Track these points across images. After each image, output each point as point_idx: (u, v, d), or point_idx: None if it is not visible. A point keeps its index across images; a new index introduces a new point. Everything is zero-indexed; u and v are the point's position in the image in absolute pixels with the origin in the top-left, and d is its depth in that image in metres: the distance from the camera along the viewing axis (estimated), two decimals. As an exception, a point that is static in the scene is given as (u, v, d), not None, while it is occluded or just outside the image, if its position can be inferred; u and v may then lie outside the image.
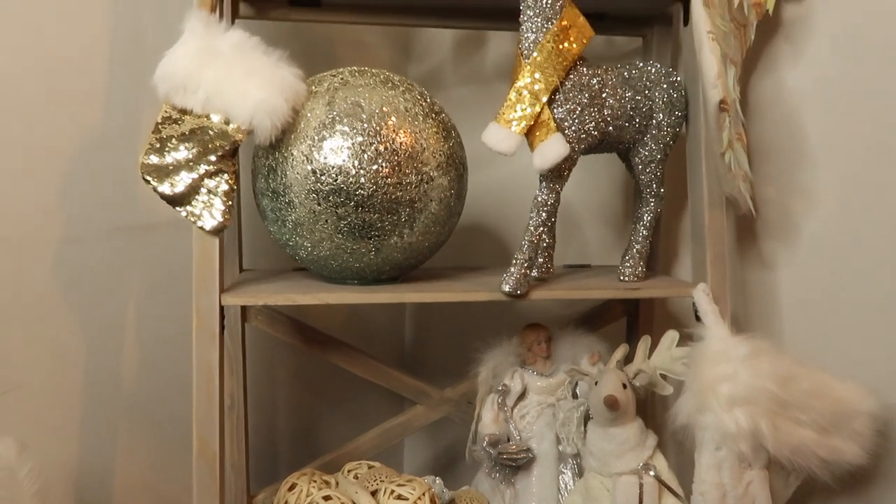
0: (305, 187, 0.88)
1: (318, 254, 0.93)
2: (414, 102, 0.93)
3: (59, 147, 0.98)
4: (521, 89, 0.90)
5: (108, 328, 1.06)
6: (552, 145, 0.90)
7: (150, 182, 0.87)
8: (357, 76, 0.93)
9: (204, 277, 0.89)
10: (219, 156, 0.87)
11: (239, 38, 0.87)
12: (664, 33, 1.15)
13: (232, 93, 0.85)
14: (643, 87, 0.99)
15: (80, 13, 0.99)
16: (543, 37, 0.90)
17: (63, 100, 0.98)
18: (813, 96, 1.12)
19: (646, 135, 1.01)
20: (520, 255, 0.94)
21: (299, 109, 0.89)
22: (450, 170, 0.94)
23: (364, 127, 0.88)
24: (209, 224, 0.88)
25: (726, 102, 0.93)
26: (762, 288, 1.19)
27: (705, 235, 1.01)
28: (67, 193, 0.99)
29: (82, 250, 1.01)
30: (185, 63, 0.85)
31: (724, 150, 0.95)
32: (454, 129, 0.99)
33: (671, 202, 1.18)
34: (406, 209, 0.90)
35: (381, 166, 0.87)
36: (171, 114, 0.87)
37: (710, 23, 0.94)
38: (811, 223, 1.14)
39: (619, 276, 1.04)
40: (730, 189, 0.99)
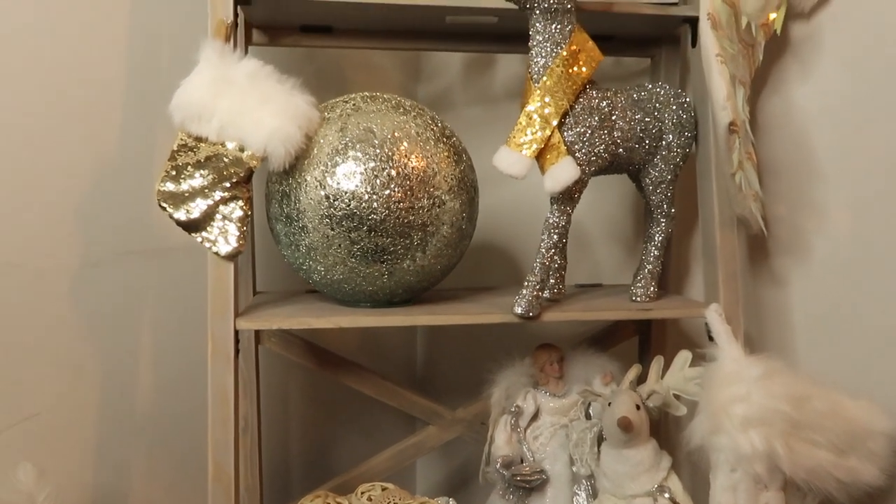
0: (319, 212, 0.89)
1: (331, 277, 0.93)
2: (425, 127, 0.94)
3: (75, 173, 1.00)
4: (531, 113, 0.91)
5: (123, 352, 1.08)
6: (563, 168, 0.90)
7: (166, 209, 0.89)
8: (369, 102, 0.94)
9: (219, 302, 0.90)
10: (233, 182, 0.89)
11: (253, 67, 0.89)
12: (672, 54, 1.16)
13: (246, 121, 0.87)
14: (653, 108, 1.00)
15: (97, 43, 1.01)
16: (553, 61, 0.90)
17: (79, 127, 0.99)
18: (822, 114, 1.12)
19: (656, 156, 1.01)
20: (531, 277, 0.95)
21: (312, 136, 0.91)
22: (461, 193, 0.95)
23: (376, 152, 0.89)
24: (224, 250, 0.89)
25: (736, 124, 0.93)
26: (775, 306, 1.18)
27: (717, 255, 1.01)
28: (84, 219, 1.00)
29: (98, 275, 1.02)
30: (200, 92, 0.87)
31: (734, 171, 0.96)
32: (465, 152, 1.00)
33: (682, 220, 1.18)
34: (418, 233, 0.91)
35: (393, 191, 0.88)
36: (186, 141, 0.89)
37: (718, 46, 0.94)
38: (823, 240, 1.14)
39: (631, 296, 1.04)
40: (741, 209, 0.99)
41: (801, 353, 1.16)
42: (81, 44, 0.99)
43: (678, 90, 1.04)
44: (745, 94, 1.03)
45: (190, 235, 0.90)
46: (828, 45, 1.11)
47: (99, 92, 1.01)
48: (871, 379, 1.08)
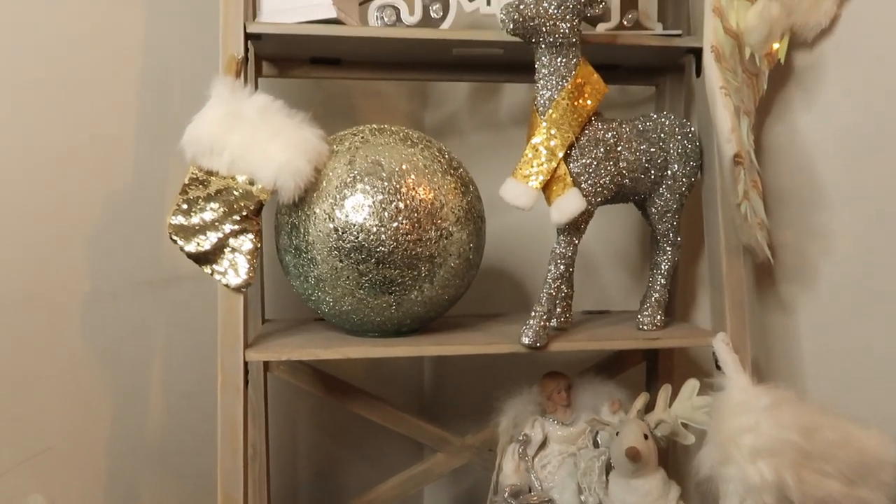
0: (327, 245, 0.90)
1: (339, 308, 0.94)
2: (432, 159, 0.95)
3: (89, 207, 1.01)
4: (537, 146, 0.92)
5: (133, 382, 1.09)
6: (569, 200, 0.91)
7: (177, 241, 0.90)
8: (377, 134, 0.96)
9: (229, 334, 0.91)
10: (243, 215, 0.90)
11: (263, 101, 0.90)
12: (677, 82, 1.17)
13: (256, 155, 0.88)
14: (657, 138, 1.01)
15: (111, 78, 1.03)
16: (558, 94, 0.92)
17: (93, 161, 1.01)
18: (827, 142, 1.13)
19: (661, 185, 1.02)
20: (538, 307, 0.95)
21: (321, 168, 0.92)
22: (468, 224, 0.96)
23: (384, 185, 0.90)
24: (234, 281, 0.91)
25: (741, 156, 0.94)
26: (783, 333, 1.18)
27: (723, 283, 1.01)
28: (97, 251, 1.02)
29: (110, 306, 1.04)
30: (211, 127, 0.88)
31: (739, 201, 0.96)
32: (472, 183, 1.01)
33: (689, 247, 1.19)
34: (426, 264, 0.91)
35: (401, 223, 0.89)
36: (197, 175, 0.90)
37: (722, 78, 0.95)
38: (829, 267, 1.14)
39: (638, 324, 1.05)
40: (747, 238, 1.00)
41: (809, 380, 1.16)
42: (95, 79, 1.01)
43: (683, 120, 1.04)
44: (750, 124, 1.04)
45: (200, 267, 0.91)
46: (831, 73, 1.12)
47: (112, 126, 1.03)
48: (881, 407, 1.07)
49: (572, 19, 0.90)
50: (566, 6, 0.90)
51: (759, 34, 0.99)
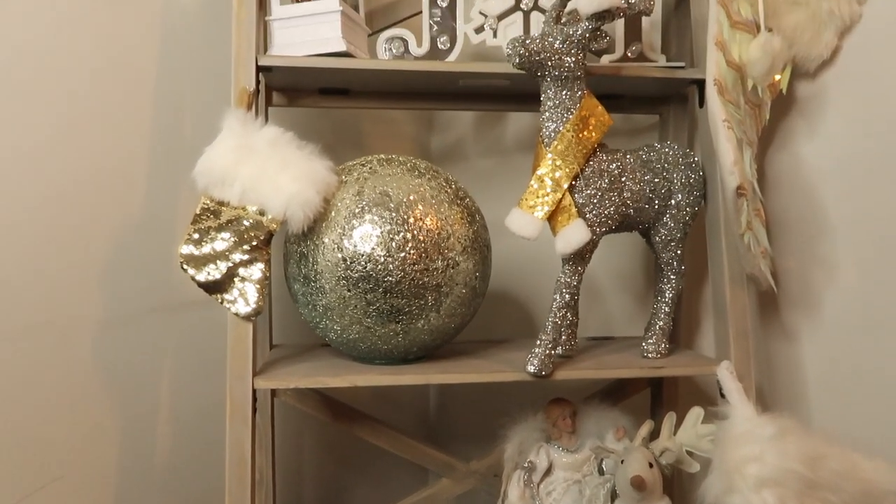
0: (336, 274, 0.91)
1: (347, 336, 0.95)
2: (439, 189, 0.96)
3: (101, 235, 1.03)
4: (542, 177, 0.94)
5: (142, 408, 1.09)
6: (574, 231, 0.92)
7: (188, 270, 0.91)
8: (385, 165, 0.97)
9: (238, 362, 0.92)
10: (253, 245, 0.91)
11: (274, 134, 0.92)
12: (680, 111, 1.18)
13: (267, 186, 0.90)
14: (661, 168, 1.02)
15: (123, 109, 1.05)
16: (564, 126, 0.93)
17: (106, 189, 1.03)
18: (829, 170, 1.14)
19: (665, 215, 1.03)
20: (544, 335, 0.96)
21: (330, 199, 0.93)
22: (474, 253, 0.97)
23: (392, 216, 0.91)
24: (244, 310, 0.92)
25: (743, 188, 0.95)
26: (787, 360, 1.19)
27: (727, 312, 1.02)
28: (108, 279, 1.03)
29: (120, 333, 1.05)
30: (223, 159, 0.90)
31: (742, 231, 0.97)
32: (478, 212, 1.02)
33: (693, 274, 1.19)
34: (433, 294, 0.93)
35: (408, 253, 0.91)
36: (209, 205, 0.92)
37: (725, 111, 0.97)
38: (832, 295, 1.15)
39: (643, 352, 1.05)
40: (750, 268, 1.01)
41: (813, 407, 1.16)
42: (109, 110, 1.03)
43: (686, 150, 1.06)
44: (753, 154, 1.06)
45: (210, 296, 0.92)
46: (833, 103, 1.13)
47: (125, 155, 1.05)
48: (887, 435, 1.07)
49: (577, 53, 0.92)
50: (571, 41, 0.92)
51: (761, 67, 1.00)
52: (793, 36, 1.08)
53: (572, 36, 0.91)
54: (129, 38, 1.05)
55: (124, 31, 1.04)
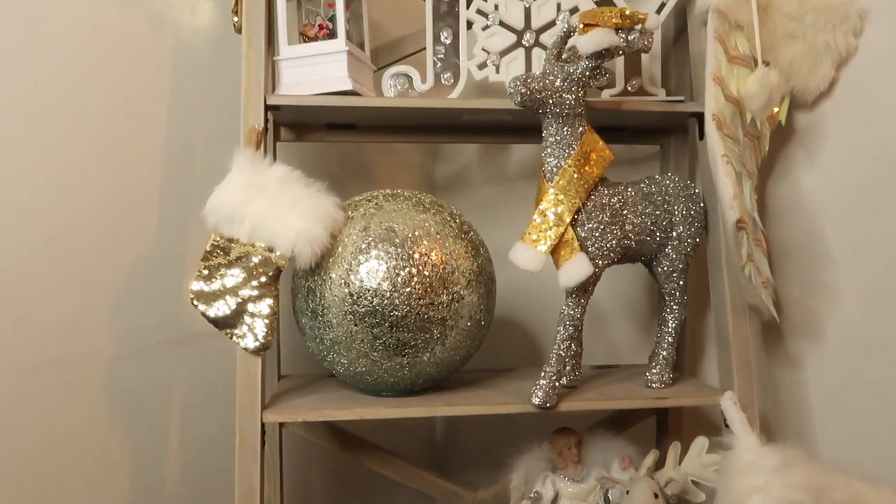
0: (343, 309, 0.93)
1: (354, 370, 0.97)
2: (444, 224, 0.98)
3: (112, 270, 1.05)
4: (545, 211, 0.95)
5: (152, 440, 1.11)
6: (576, 265, 0.94)
7: (198, 306, 0.93)
8: (391, 200, 0.99)
9: (247, 396, 0.93)
10: (262, 281, 0.93)
11: (282, 172, 0.94)
12: (681, 142, 1.20)
13: (275, 224, 0.92)
14: (662, 201, 1.04)
15: (134, 148, 1.07)
16: (565, 162, 0.95)
17: (116, 226, 1.05)
18: (829, 199, 1.15)
19: (667, 247, 1.04)
20: (548, 367, 0.97)
21: (337, 234, 0.95)
22: (479, 287, 0.98)
23: (398, 251, 0.93)
24: (252, 345, 0.94)
25: (743, 221, 0.97)
26: (791, 387, 1.19)
27: (730, 343, 1.03)
28: (119, 313, 1.05)
29: (131, 365, 1.07)
30: (232, 197, 0.92)
31: (743, 264, 0.98)
32: (482, 245, 1.04)
33: (696, 302, 1.21)
34: (438, 327, 0.94)
35: (413, 288, 0.92)
36: (219, 242, 0.94)
37: (724, 146, 0.99)
38: (835, 322, 1.15)
39: (647, 382, 1.06)
40: (752, 299, 1.02)
41: (818, 434, 1.16)
42: (120, 147, 1.06)
43: (687, 182, 1.07)
44: (753, 185, 1.07)
45: (220, 331, 0.94)
46: (832, 133, 1.15)
47: (136, 192, 1.07)
48: (891, 462, 1.08)
49: (577, 91, 0.94)
50: (572, 79, 0.94)
51: (759, 100, 1.02)
52: (790, 69, 1.10)
53: (573, 74, 0.94)
54: (142, 76, 1.08)
55: (137, 70, 1.07)
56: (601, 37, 0.91)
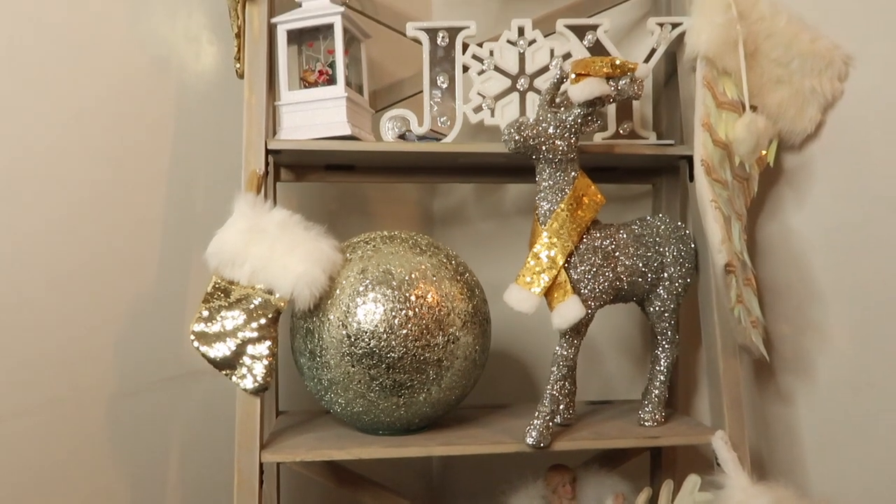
0: (340, 350, 0.95)
1: (351, 409, 0.98)
2: (440, 266, 1.00)
3: (113, 309, 1.07)
4: (538, 254, 0.98)
5: (152, 477, 1.12)
6: (569, 308, 0.96)
7: (199, 348, 0.95)
8: (388, 243, 1.02)
9: (245, 436, 0.95)
10: (262, 323, 0.95)
11: (282, 217, 0.97)
12: (672, 181, 1.23)
13: (275, 267, 0.94)
14: (653, 242, 1.06)
15: (137, 187, 1.09)
16: (558, 206, 0.97)
17: (118, 266, 1.07)
18: (818, 238, 1.18)
19: (658, 287, 1.07)
20: (542, 407, 0.99)
21: (336, 277, 0.97)
22: (474, 327, 1.00)
23: (394, 294, 0.95)
24: (251, 385, 0.95)
25: (732, 265, 0.99)
26: (783, 423, 1.21)
27: (721, 382, 1.05)
28: (121, 352, 1.07)
29: (131, 403, 1.08)
30: (234, 241, 0.94)
31: (732, 306, 1.01)
32: (478, 286, 1.06)
33: (689, 338, 1.22)
34: (434, 368, 0.96)
35: (410, 330, 0.94)
36: (220, 284, 0.96)
37: (712, 191, 1.01)
38: (825, 359, 1.17)
39: (640, 421, 1.08)
40: (742, 339, 1.04)
41: (810, 469, 1.18)
42: (123, 189, 1.07)
43: (678, 223, 1.09)
44: (742, 226, 1.10)
45: (220, 371, 0.96)
46: (819, 174, 1.17)
47: (138, 233, 1.09)
48: (881, 496, 1.09)
49: (569, 137, 0.97)
50: (564, 126, 0.96)
51: (747, 146, 1.05)
52: (778, 112, 1.13)
53: (565, 121, 0.96)
54: (146, 119, 1.10)
55: (141, 113, 1.09)
56: (592, 86, 0.94)
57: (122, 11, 1.08)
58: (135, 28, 1.09)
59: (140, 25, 1.10)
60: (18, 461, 0.94)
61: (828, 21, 1.13)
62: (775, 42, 1.11)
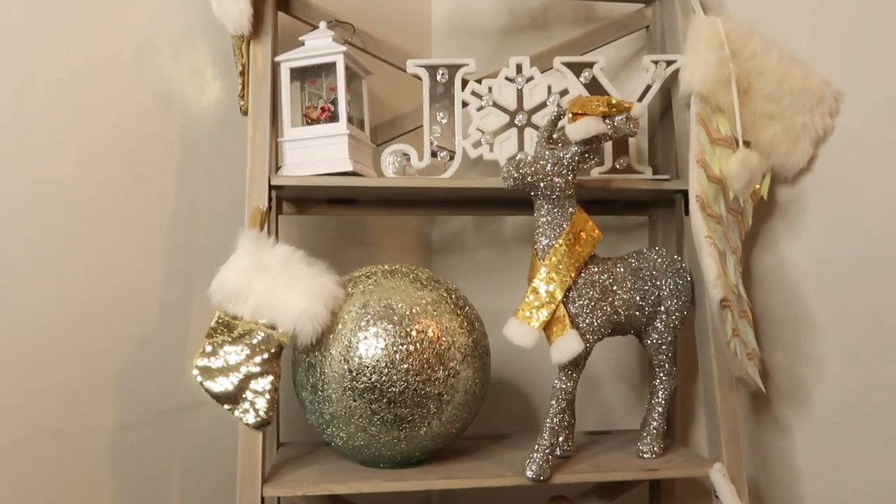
0: (342, 385, 0.96)
1: (352, 443, 0.99)
2: (440, 301, 1.02)
3: (118, 343, 1.08)
4: (537, 288, 0.99)
5: (154, 506, 1.12)
6: (568, 342, 0.97)
7: (202, 383, 0.96)
8: (389, 277, 1.03)
9: (247, 471, 0.96)
10: (264, 358, 0.96)
11: (285, 253, 0.98)
12: (668, 213, 1.25)
13: (278, 302, 0.95)
14: (650, 276, 1.07)
15: (141, 221, 1.11)
16: (556, 241, 0.99)
17: (121, 300, 1.08)
18: (812, 270, 1.19)
19: (655, 320, 1.08)
20: (541, 440, 1.00)
21: (338, 311, 0.99)
22: (474, 361, 1.02)
23: (395, 329, 0.96)
24: (253, 420, 0.96)
25: (727, 300, 1.01)
26: (780, 452, 1.22)
27: (718, 415, 1.06)
28: (122, 385, 1.07)
29: (133, 436, 1.09)
30: (237, 277, 0.96)
31: (728, 340, 1.02)
32: (477, 319, 1.07)
33: (687, 369, 1.24)
34: (434, 402, 0.97)
35: (411, 365, 0.95)
36: (223, 319, 0.97)
37: (707, 227, 1.03)
38: (821, 388, 1.19)
39: (638, 452, 1.09)
40: (738, 372, 1.05)
41: (807, 499, 1.18)
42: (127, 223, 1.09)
43: (674, 256, 1.11)
44: (738, 259, 1.11)
45: (222, 406, 0.97)
46: (812, 207, 1.19)
47: (141, 265, 1.10)
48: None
49: (567, 175, 0.99)
50: (561, 163, 0.98)
51: (741, 181, 1.07)
52: (770, 148, 1.15)
53: (562, 159, 0.98)
54: (150, 153, 1.12)
55: (146, 147, 1.11)
56: (589, 125, 0.96)
57: (130, 47, 1.10)
58: (142, 64, 1.11)
59: (147, 62, 1.12)
60: (21, 495, 0.95)
61: (819, 58, 1.16)
62: (767, 79, 1.14)
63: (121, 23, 1.08)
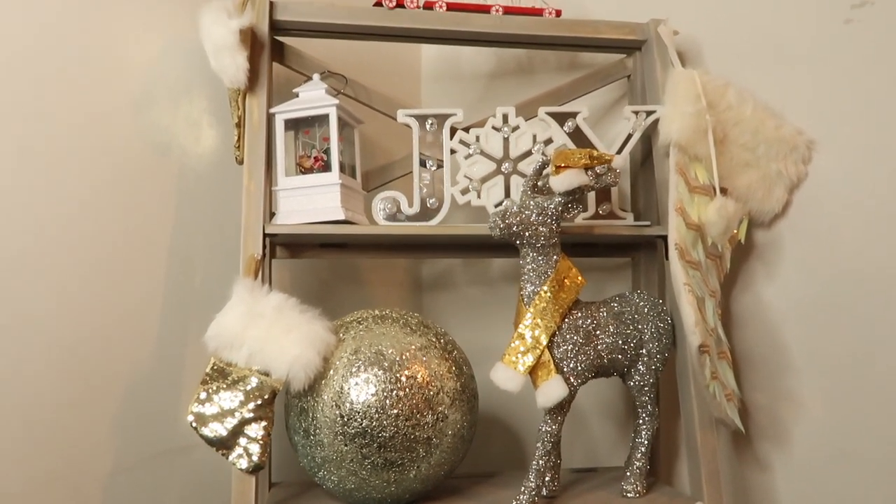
0: (333, 430, 0.98)
1: (343, 486, 1.02)
2: (430, 346, 1.05)
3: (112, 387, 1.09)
4: (523, 334, 1.03)
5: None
6: (553, 387, 1.00)
7: (196, 429, 0.98)
8: (379, 322, 1.06)
9: (240, 515, 0.98)
10: (258, 404, 0.99)
11: (279, 301, 1.01)
12: (650, 256, 1.29)
13: (272, 350, 0.98)
14: (632, 320, 1.11)
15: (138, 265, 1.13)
16: (541, 288, 1.03)
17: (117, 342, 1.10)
18: (789, 310, 1.24)
19: (637, 362, 1.11)
20: (527, 482, 1.03)
21: (329, 357, 1.02)
22: (462, 405, 1.04)
23: (386, 375, 0.99)
24: (246, 465, 0.98)
25: (705, 345, 1.04)
26: (761, 491, 1.25)
27: (699, 454, 1.09)
28: (117, 429, 1.09)
29: (127, 479, 1.10)
30: (232, 325, 0.99)
31: (707, 383, 1.06)
32: (466, 363, 1.11)
33: (670, 408, 1.27)
34: (423, 446, 1.00)
35: (401, 410, 0.98)
36: (218, 366, 1.00)
37: (686, 275, 1.07)
38: (801, 427, 1.22)
39: (622, 492, 1.12)
40: (717, 413, 1.09)
41: (790, 537, 1.22)
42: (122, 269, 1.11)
43: (656, 300, 1.15)
44: (717, 301, 1.15)
45: (216, 452, 0.99)
46: (788, 250, 1.24)
47: (136, 311, 1.13)
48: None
49: (551, 224, 1.03)
50: (546, 213, 1.02)
51: (718, 228, 1.12)
52: (747, 194, 1.20)
53: (547, 209, 1.02)
54: (146, 200, 1.14)
55: (142, 194, 1.14)
56: (572, 177, 1.01)
57: (129, 101, 1.13)
58: (140, 117, 1.14)
59: (145, 114, 1.15)
60: (16, 542, 0.96)
61: (791, 109, 1.22)
62: (743, 129, 1.19)
63: (120, 77, 1.12)
